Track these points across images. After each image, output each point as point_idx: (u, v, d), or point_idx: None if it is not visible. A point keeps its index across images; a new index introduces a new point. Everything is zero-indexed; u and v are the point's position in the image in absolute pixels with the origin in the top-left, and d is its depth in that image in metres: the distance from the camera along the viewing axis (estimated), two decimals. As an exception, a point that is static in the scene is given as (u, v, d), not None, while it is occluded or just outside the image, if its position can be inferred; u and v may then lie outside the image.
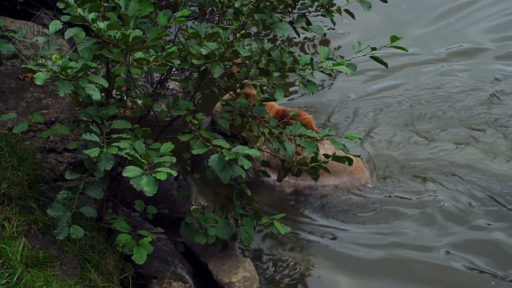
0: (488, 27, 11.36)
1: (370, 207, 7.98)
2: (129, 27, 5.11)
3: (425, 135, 9.12)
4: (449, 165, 8.61)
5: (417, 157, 8.74)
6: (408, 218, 7.84)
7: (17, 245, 5.40)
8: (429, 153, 8.82)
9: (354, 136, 5.92)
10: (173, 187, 7.02)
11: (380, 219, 7.84)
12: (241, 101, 6.11)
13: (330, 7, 6.32)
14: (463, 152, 8.83)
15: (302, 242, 7.55)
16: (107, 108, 5.58)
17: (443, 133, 9.14)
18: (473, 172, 8.46)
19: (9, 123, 6.67)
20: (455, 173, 8.45)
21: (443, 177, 8.38)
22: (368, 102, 9.67)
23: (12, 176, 6.04)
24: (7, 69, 7.20)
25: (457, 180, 8.35)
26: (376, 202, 8.04)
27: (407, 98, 9.77)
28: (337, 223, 7.81)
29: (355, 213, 7.93)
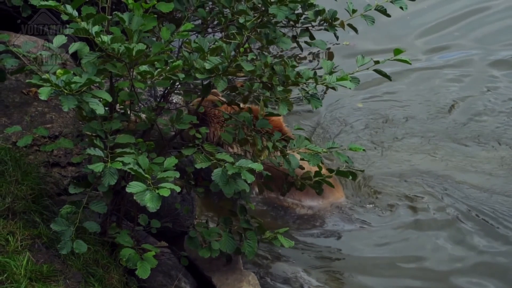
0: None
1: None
2: (132, 41, 5.12)
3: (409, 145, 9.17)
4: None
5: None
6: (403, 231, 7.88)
7: (21, 259, 5.39)
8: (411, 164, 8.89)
9: (358, 147, 5.91)
10: (177, 201, 7.01)
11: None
12: (244, 115, 6.12)
13: (333, 21, 6.33)
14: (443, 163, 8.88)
15: (305, 255, 7.54)
16: (111, 122, 5.58)
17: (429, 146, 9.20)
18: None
19: (13, 137, 6.68)
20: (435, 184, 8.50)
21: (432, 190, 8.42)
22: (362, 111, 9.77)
23: (16, 190, 6.05)
24: (11, 83, 7.21)
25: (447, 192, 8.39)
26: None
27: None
28: (339, 239, 7.82)
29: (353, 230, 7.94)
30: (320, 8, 6.22)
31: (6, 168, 6.20)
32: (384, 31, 11.14)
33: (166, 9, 5.42)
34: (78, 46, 5.29)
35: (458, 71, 10.79)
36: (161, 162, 5.17)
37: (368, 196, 8.28)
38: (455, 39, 11.61)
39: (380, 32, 11.02)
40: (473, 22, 11.98)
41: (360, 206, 8.15)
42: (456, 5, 12.36)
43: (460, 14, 12.15)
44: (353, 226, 7.92)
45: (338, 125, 9.61)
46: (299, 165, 6.03)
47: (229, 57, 5.42)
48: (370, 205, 8.15)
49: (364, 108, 9.92)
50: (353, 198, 8.25)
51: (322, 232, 7.87)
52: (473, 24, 11.94)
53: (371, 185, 8.42)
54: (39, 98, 5.13)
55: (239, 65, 5.45)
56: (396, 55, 5.60)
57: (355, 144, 6.13)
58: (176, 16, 6.49)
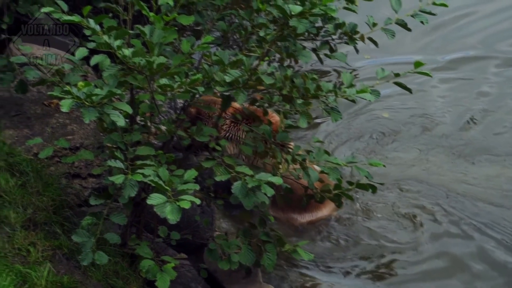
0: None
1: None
2: (153, 54, 5.14)
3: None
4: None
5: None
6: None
7: (42, 270, 5.41)
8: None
9: (378, 163, 5.90)
10: (197, 213, 7.02)
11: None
12: (264, 127, 6.12)
13: (353, 34, 6.33)
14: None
15: (324, 268, 7.52)
16: (131, 134, 5.60)
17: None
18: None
19: (34, 148, 6.72)
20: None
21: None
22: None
23: (37, 202, 6.08)
24: (33, 95, 7.27)
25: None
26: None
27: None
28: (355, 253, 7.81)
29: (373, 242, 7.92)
30: (340, 21, 6.22)
31: (28, 179, 6.25)
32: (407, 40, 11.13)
33: (186, 21, 5.43)
34: (100, 59, 5.31)
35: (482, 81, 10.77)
36: (181, 174, 5.18)
37: (383, 210, 8.26)
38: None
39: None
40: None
41: (377, 219, 8.12)
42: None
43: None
44: (371, 239, 7.87)
45: (351, 133, 9.57)
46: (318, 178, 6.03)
47: (249, 70, 5.42)
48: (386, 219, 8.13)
49: (391, 118, 9.87)
50: (369, 210, 8.21)
51: (340, 244, 7.83)
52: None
53: (386, 197, 8.39)
54: (60, 110, 5.15)
55: (259, 78, 5.45)
56: (416, 67, 5.58)
57: (375, 159, 6.09)
58: (196, 29, 6.51)
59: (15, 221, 5.80)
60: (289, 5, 5.24)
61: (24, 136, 6.88)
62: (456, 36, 11.71)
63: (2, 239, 5.56)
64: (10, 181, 6.15)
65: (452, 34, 11.72)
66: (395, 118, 9.86)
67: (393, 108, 10.02)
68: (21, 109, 7.19)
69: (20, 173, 6.31)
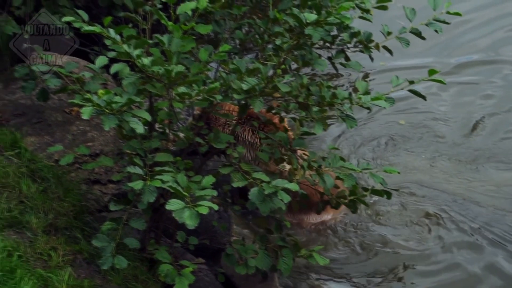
0: None
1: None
2: (172, 62, 5.18)
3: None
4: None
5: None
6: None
7: (63, 274, 5.44)
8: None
9: (393, 170, 5.92)
10: (214, 218, 7.05)
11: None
12: (281, 134, 6.14)
13: (368, 43, 6.35)
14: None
15: (341, 272, 7.52)
16: (150, 141, 5.64)
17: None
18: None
19: (55, 155, 6.77)
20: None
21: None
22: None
23: (58, 207, 6.13)
24: (54, 103, 7.31)
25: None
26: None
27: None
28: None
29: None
30: (356, 30, 6.24)
31: (49, 185, 6.30)
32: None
33: (204, 30, 5.47)
34: (119, 67, 5.35)
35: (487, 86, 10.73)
36: (199, 180, 5.21)
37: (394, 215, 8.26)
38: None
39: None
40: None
41: (386, 225, 8.12)
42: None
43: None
44: (384, 246, 7.87)
45: (361, 138, 9.57)
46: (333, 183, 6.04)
47: (266, 78, 5.46)
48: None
49: (406, 125, 9.85)
50: (378, 215, 8.21)
51: (354, 250, 7.83)
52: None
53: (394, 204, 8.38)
54: (80, 117, 5.19)
55: (276, 86, 5.49)
56: (430, 75, 5.60)
57: (389, 167, 6.09)
58: (214, 38, 6.55)
59: (37, 226, 5.84)
60: (304, 14, 5.28)
61: (45, 143, 6.94)
62: (463, 41, 11.68)
63: (24, 244, 5.60)
64: (31, 187, 6.20)
65: (459, 39, 11.69)
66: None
67: (403, 111, 10.00)
68: (42, 117, 7.24)
69: (41, 179, 6.37)
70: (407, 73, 9.40)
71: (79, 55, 8.11)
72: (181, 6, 5.42)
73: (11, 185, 6.17)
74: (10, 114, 7.23)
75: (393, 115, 9.92)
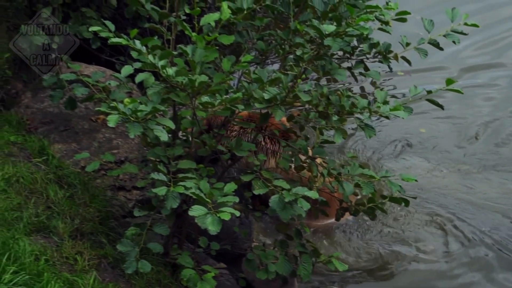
0: None
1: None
2: (195, 72, 5.20)
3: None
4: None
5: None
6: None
7: (88, 278, 5.48)
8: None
9: (411, 178, 5.91)
10: (235, 224, 7.06)
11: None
12: (301, 142, 6.15)
13: (387, 53, 6.35)
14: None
15: (359, 277, 7.51)
16: (173, 148, 5.68)
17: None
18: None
19: (82, 162, 6.82)
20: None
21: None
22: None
23: (84, 213, 6.17)
24: (80, 111, 7.37)
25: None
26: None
27: None
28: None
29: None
30: (375, 41, 6.25)
31: (75, 191, 6.34)
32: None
33: (227, 41, 5.49)
34: (144, 77, 5.39)
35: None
36: (221, 187, 5.24)
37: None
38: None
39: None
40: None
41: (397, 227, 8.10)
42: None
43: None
44: (404, 249, 7.86)
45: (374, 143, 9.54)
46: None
47: (287, 87, 5.47)
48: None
49: (426, 133, 9.80)
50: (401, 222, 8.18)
51: (373, 254, 7.82)
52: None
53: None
54: (106, 125, 5.21)
55: (297, 95, 5.50)
56: (448, 85, 5.60)
57: (408, 175, 6.08)
58: (236, 48, 6.57)
59: (63, 231, 5.88)
60: (323, 26, 5.29)
61: (72, 150, 6.99)
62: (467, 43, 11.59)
63: (51, 248, 5.64)
64: (58, 193, 6.26)
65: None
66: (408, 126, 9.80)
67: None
68: (69, 124, 7.30)
69: (68, 185, 6.42)
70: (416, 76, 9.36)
71: (106, 65, 8.20)
72: (204, 17, 5.45)
73: (39, 191, 6.22)
74: (39, 122, 7.30)
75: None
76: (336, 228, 8.05)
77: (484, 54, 11.55)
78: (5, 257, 5.04)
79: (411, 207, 8.01)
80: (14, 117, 7.18)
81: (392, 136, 9.67)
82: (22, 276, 4.99)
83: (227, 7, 5.50)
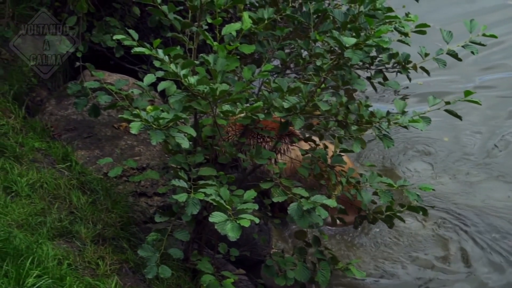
0: None
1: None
2: (216, 81, 5.21)
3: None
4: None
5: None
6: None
7: (110, 282, 5.48)
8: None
9: (428, 187, 5.88)
10: (255, 231, 7.06)
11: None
12: (320, 151, 6.14)
13: (406, 64, 6.33)
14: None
15: (377, 284, 7.48)
16: (194, 156, 5.68)
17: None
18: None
19: (104, 168, 6.85)
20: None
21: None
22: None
23: (106, 218, 6.19)
24: (103, 118, 7.40)
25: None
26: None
27: None
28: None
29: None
30: (394, 51, 6.23)
31: (98, 197, 6.36)
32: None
33: (248, 50, 5.49)
34: (166, 85, 5.41)
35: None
36: (241, 194, 5.23)
37: None
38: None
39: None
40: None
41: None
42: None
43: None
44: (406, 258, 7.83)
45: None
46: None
47: (307, 97, 5.47)
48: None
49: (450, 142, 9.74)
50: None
51: (392, 261, 7.79)
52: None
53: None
54: (129, 132, 5.22)
55: (316, 105, 5.49)
56: (466, 96, 5.57)
57: (426, 184, 6.05)
58: (257, 57, 6.58)
59: (86, 236, 5.90)
60: (343, 37, 5.27)
61: (95, 157, 7.02)
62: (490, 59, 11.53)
63: (73, 252, 5.66)
64: (81, 198, 6.28)
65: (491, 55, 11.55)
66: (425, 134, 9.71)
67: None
68: (92, 131, 7.33)
69: (91, 191, 6.44)
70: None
71: (129, 73, 8.23)
72: (226, 27, 5.46)
73: (62, 197, 6.25)
74: (63, 128, 7.34)
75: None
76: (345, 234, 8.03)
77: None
78: (29, 261, 5.06)
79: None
80: (38, 124, 7.22)
81: (409, 143, 9.60)
82: (45, 280, 4.99)
83: (248, 17, 5.50)
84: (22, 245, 5.21)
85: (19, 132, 6.88)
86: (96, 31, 7.77)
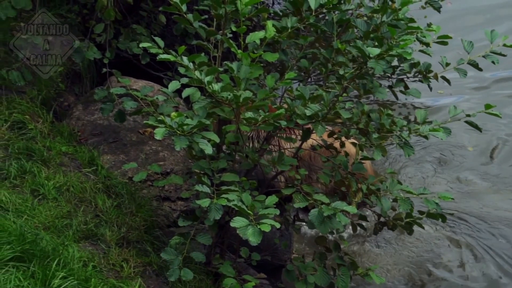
0: None
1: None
2: (240, 88, 5.22)
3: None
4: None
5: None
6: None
7: (133, 284, 5.52)
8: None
9: (447, 196, 5.85)
10: (276, 236, 7.06)
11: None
12: (341, 158, 6.14)
13: (427, 73, 6.31)
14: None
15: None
16: (217, 161, 5.69)
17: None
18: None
19: (129, 172, 6.88)
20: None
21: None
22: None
23: (130, 221, 6.22)
24: (129, 124, 7.44)
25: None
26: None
27: None
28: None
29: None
30: (415, 61, 6.22)
31: (123, 200, 6.40)
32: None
33: (271, 58, 5.50)
34: (191, 92, 5.43)
35: None
36: (262, 199, 5.24)
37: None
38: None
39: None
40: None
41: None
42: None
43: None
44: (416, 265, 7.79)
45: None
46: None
47: (329, 104, 5.47)
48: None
49: (474, 151, 9.67)
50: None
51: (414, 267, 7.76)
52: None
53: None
54: (153, 138, 5.23)
55: (338, 112, 5.49)
56: (487, 109, 5.55)
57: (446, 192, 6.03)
58: (280, 66, 6.59)
59: (111, 239, 5.94)
60: (367, 47, 5.27)
61: (120, 161, 7.06)
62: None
63: (98, 255, 5.70)
64: (106, 202, 6.32)
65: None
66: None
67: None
68: (118, 136, 7.37)
69: (116, 195, 6.48)
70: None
71: (154, 80, 8.27)
72: (250, 35, 5.47)
73: (88, 200, 6.29)
74: (89, 133, 7.38)
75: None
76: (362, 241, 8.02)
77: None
78: (55, 263, 5.10)
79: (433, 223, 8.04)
80: (66, 128, 7.27)
81: (429, 151, 9.56)
82: (70, 282, 5.03)
83: (272, 26, 5.51)
84: (49, 247, 5.25)
85: (46, 136, 6.93)
86: (123, 38, 7.82)
